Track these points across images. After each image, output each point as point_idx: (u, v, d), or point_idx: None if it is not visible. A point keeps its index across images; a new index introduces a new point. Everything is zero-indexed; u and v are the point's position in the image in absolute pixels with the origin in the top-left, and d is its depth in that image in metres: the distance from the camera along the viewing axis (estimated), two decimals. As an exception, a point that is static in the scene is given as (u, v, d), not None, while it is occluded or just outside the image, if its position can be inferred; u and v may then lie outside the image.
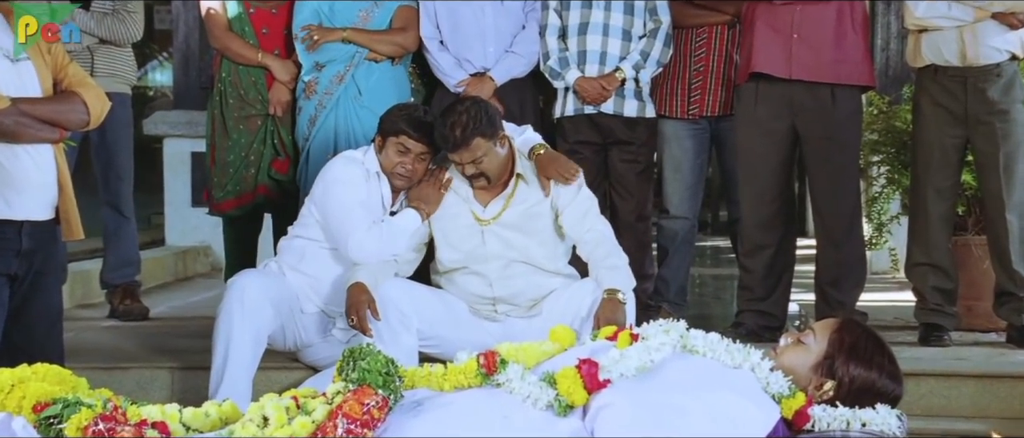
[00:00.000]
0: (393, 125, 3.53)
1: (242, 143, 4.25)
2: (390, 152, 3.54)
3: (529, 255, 3.52)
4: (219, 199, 4.27)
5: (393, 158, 3.53)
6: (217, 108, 4.28)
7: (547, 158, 3.54)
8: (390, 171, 3.55)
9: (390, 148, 3.54)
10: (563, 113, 4.34)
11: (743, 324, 4.18)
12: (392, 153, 3.54)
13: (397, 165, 3.53)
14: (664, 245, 4.52)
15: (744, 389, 2.57)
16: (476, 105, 3.43)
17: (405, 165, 3.53)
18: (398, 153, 3.53)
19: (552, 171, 3.51)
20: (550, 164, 3.53)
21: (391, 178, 3.56)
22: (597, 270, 3.43)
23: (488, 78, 4.24)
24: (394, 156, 3.53)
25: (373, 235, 3.45)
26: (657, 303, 4.49)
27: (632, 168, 4.34)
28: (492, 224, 3.51)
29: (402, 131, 3.52)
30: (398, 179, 3.55)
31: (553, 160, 3.55)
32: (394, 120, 3.54)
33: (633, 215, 4.35)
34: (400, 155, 3.53)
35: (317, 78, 4.13)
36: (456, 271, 3.54)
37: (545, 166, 3.53)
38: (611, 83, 4.26)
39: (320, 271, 3.59)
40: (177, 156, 6.52)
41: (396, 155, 3.53)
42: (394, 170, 3.54)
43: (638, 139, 4.34)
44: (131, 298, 4.78)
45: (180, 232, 6.55)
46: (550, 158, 3.55)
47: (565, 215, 3.50)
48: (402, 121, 3.53)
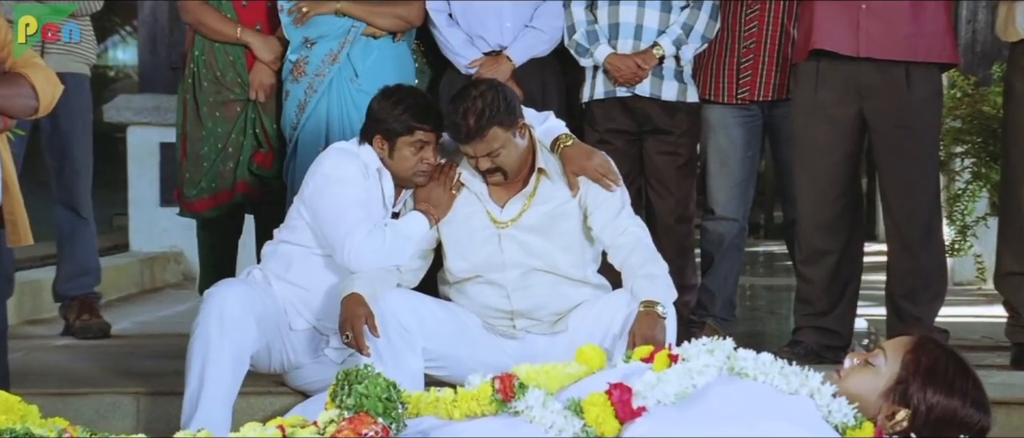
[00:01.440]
0: (401, 124, 3.54)
1: (218, 133, 4.27)
2: (404, 153, 3.56)
3: (552, 262, 3.54)
4: (192, 198, 4.30)
5: (410, 158, 3.56)
6: (189, 92, 4.31)
7: (576, 152, 3.56)
8: (409, 174, 3.58)
9: (403, 149, 3.56)
10: (592, 97, 4.36)
11: (801, 343, 4.18)
12: (407, 153, 3.56)
13: (417, 164, 3.56)
14: (709, 251, 4.53)
15: (802, 419, 2.58)
16: (492, 89, 3.45)
17: (428, 160, 3.57)
18: (415, 151, 3.56)
19: (589, 170, 3.53)
20: (583, 160, 3.54)
21: (412, 179, 3.59)
22: (632, 280, 3.44)
23: (505, 57, 4.26)
24: (411, 156, 3.56)
25: (373, 240, 3.47)
26: (701, 318, 4.50)
27: (672, 161, 4.35)
28: (510, 227, 3.54)
29: (415, 127, 3.54)
30: (421, 177, 3.58)
31: (586, 155, 3.56)
32: (398, 117, 3.54)
33: (673, 216, 4.37)
34: (418, 152, 3.56)
35: (306, 57, 4.16)
36: (468, 281, 3.56)
37: (574, 161, 3.54)
38: (648, 61, 4.27)
39: (311, 281, 3.62)
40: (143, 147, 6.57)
41: (413, 154, 3.56)
42: (415, 170, 3.57)
43: (678, 127, 4.35)
44: (89, 313, 4.81)
45: (146, 236, 6.60)
46: (580, 152, 3.57)
47: (595, 215, 3.53)
48: (409, 115, 3.54)
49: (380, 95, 3.63)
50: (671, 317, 3.37)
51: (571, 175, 3.53)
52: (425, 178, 3.58)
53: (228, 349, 3.38)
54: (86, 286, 4.84)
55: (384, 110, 3.57)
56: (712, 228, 4.53)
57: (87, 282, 4.84)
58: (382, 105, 3.59)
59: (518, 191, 3.54)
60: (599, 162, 3.54)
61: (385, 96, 3.61)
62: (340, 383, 2.64)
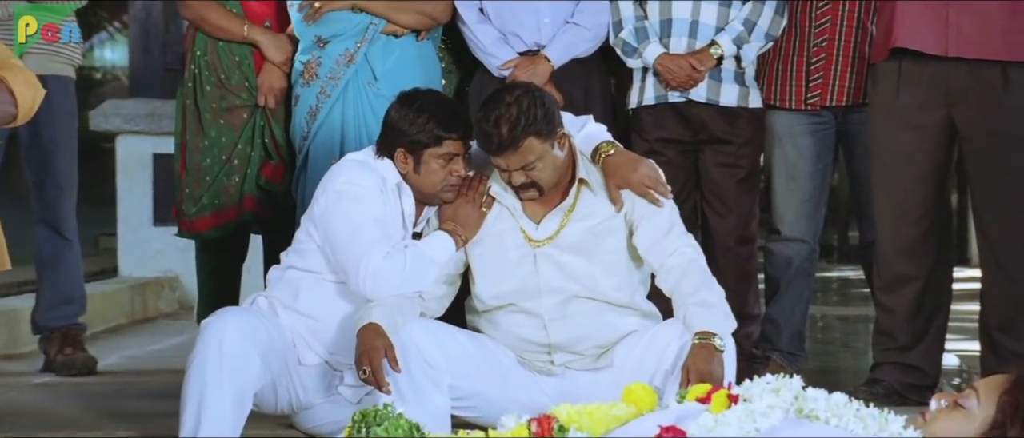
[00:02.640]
0: (427, 134, 3.54)
1: (223, 143, 4.32)
2: (432, 167, 3.57)
3: (595, 287, 3.54)
4: (192, 216, 4.35)
5: (438, 172, 3.57)
6: (189, 97, 4.36)
7: (620, 161, 3.56)
8: (437, 190, 3.59)
9: (430, 163, 3.57)
10: (640, 102, 4.39)
11: (881, 381, 4.18)
12: (435, 167, 3.57)
13: (446, 178, 3.58)
14: (774, 276, 4.55)
15: (880, 467, 2.58)
16: (528, 95, 3.46)
17: (459, 172, 3.58)
18: (444, 164, 3.57)
19: (633, 182, 3.52)
20: (627, 171, 3.53)
21: (440, 195, 3.60)
22: (684, 308, 3.43)
23: (542, 58, 4.29)
24: (439, 169, 3.57)
25: (392, 264, 3.48)
26: (765, 352, 4.52)
27: (731, 174, 4.38)
28: (546, 245, 3.55)
29: (443, 137, 3.55)
30: (450, 192, 3.60)
31: (630, 165, 3.55)
32: (423, 127, 3.55)
33: (733, 237, 4.39)
34: (447, 164, 3.57)
35: (319, 58, 4.20)
36: (500, 309, 3.58)
37: (617, 173, 3.54)
38: (704, 62, 4.30)
39: (322, 310, 3.63)
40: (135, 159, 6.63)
41: (441, 167, 3.57)
42: (444, 185, 3.58)
43: (739, 136, 4.38)
44: (73, 346, 4.85)
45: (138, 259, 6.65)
46: (625, 162, 3.56)
47: (641, 233, 3.53)
48: (435, 124, 3.55)
49: (399, 102, 3.63)
50: (730, 351, 3.36)
51: (614, 188, 3.54)
52: (454, 194, 3.60)
53: (228, 387, 3.39)
54: (69, 316, 4.88)
55: (406, 119, 3.57)
56: (778, 250, 4.54)
57: (71, 312, 4.88)
58: (403, 114, 3.59)
59: (556, 205, 3.56)
60: (646, 172, 3.54)
61: (405, 103, 3.61)
62: (356, 425, 2.66)
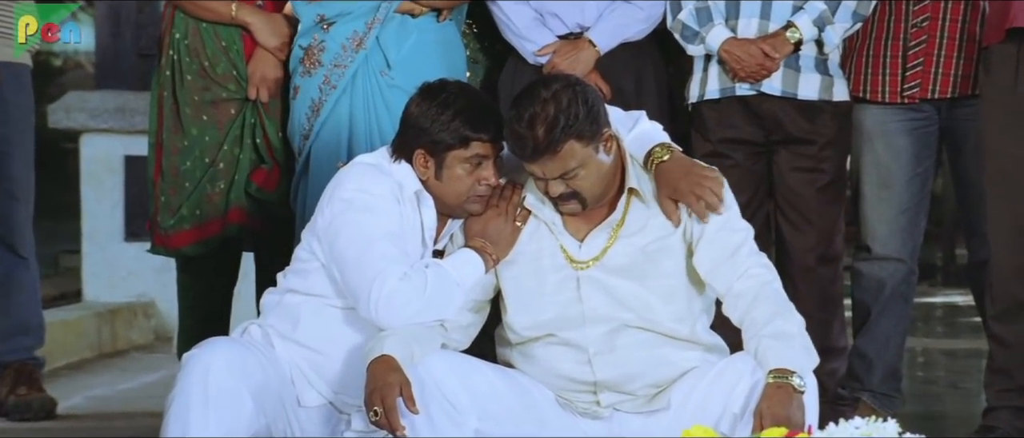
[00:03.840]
0: (452, 133, 3.54)
1: (206, 143, 4.34)
2: (457, 172, 3.57)
3: (649, 316, 3.54)
4: (169, 230, 4.37)
5: (464, 179, 3.57)
6: (167, 88, 4.38)
7: (673, 167, 3.55)
8: (462, 200, 3.60)
9: (455, 167, 3.57)
10: (702, 95, 4.39)
11: (996, 428, 4.17)
12: (461, 172, 3.57)
13: (473, 186, 3.58)
14: (864, 302, 4.55)
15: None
16: (568, 89, 3.45)
17: (488, 179, 3.58)
18: (470, 169, 3.57)
19: (684, 190, 3.51)
20: (681, 177, 3.52)
21: (466, 206, 3.61)
22: (756, 340, 3.41)
23: (586, 42, 4.30)
24: (465, 176, 3.57)
25: (409, 287, 3.48)
26: (853, 393, 4.51)
27: (812, 181, 4.38)
28: (592, 268, 3.55)
29: (471, 137, 3.55)
30: (476, 203, 3.60)
31: (682, 171, 3.54)
32: (447, 125, 3.55)
33: (813, 255, 4.39)
34: (471, 170, 3.57)
35: (322, 42, 4.21)
36: (537, 341, 3.58)
37: (671, 180, 3.53)
38: (779, 47, 4.29)
39: (327, 341, 3.64)
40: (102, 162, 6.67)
41: (468, 173, 3.57)
42: (470, 194, 3.59)
43: (821, 135, 4.38)
44: (28, 385, 4.86)
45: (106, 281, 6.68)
46: (678, 168, 3.55)
47: (703, 252, 3.52)
48: (462, 121, 3.54)
49: (421, 95, 3.62)
50: (811, 390, 3.34)
51: (665, 199, 3.53)
52: (482, 205, 3.61)
53: (215, 433, 3.40)
54: (24, 349, 4.90)
55: (428, 115, 3.57)
56: (868, 271, 4.54)
57: (26, 344, 4.91)
58: (425, 109, 3.58)
59: (602, 219, 3.55)
60: (697, 178, 3.51)
61: (428, 96, 3.61)
62: (366, 476, 2.67)
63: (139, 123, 5.23)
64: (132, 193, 6.50)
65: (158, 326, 6.62)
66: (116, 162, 6.63)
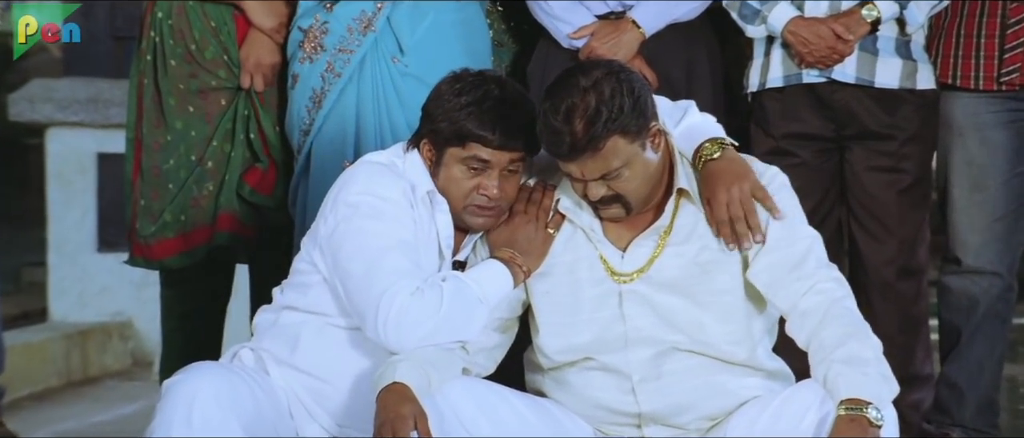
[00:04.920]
0: (452, 125, 3.55)
1: (192, 138, 4.38)
2: (453, 171, 3.59)
3: (702, 338, 3.55)
4: (150, 238, 4.41)
5: (462, 181, 3.58)
6: (147, 75, 4.42)
7: (722, 169, 3.55)
8: (460, 204, 3.61)
9: (451, 165, 3.59)
10: (763, 84, 4.42)
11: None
12: (456, 172, 3.58)
13: (471, 193, 3.58)
14: (953, 323, 4.55)
15: None
16: (610, 77, 3.45)
17: (487, 190, 3.58)
18: (468, 172, 3.58)
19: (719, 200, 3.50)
20: (725, 185, 3.51)
21: (462, 215, 3.62)
22: (826, 366, 3.40)
23: (629, 23, 4.34)
24: (462, 178, 3.58)
25: (424, 304, 3.48)
26: (941, 428, 4.51)
27: (892, 182, 4.41)
28: (636, 281, 3.57)
29: (469, 136, 3.55)
30: (476, 215, 3.61)
31: (735, 177, 3.52)
32: (449, 113, 3.56)
33: (893, 268, 4.41)
34: (471, 175, 3.58)
35: (325, 23, 4.25)
36: (572, 366, 3.59)
37: (714, 185, 3.53)
38: (854, 28, 4.31)
39: (330, 367, 3.66)
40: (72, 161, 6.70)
41: (465, 175, 3.58)
42: (466, 202, 3.60)
43: (903, 130, 4.40)
44: (-11, 417, 4.88)
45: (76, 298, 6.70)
46: (730, 172, 3.55)
47: (763, 263, 3.53)
48: (466, 115, 3.55)
49: (449, 77, 3.63)
50: (890, 425, 3.35)
51: (707, 204, 3.54)
52: (483, 218, 3.62)
53: (201, 471, 3.42)
54: (-16, 376, 4.92)
55: (441, 99, 3.59)
56: (958, 287, 4.54)
57: (-15, 370, 4.92)
58: (443, 91, 3.60)
59: (648, 225, 3.57)
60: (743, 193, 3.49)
61: (455, 79, 3.61)
62: (375, 520, 2.69)
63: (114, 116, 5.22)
64: (106, 196, 6.49)
65: (136, 349, 6.62)
66: (88, 160, 6.63)
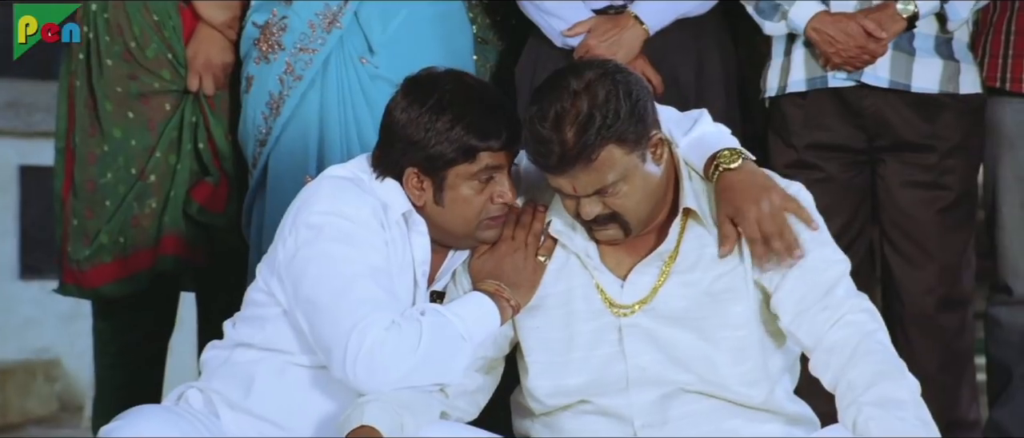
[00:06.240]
0: (453, 145, 3.60)
1: (132, 148, 4.50)
2: (463, 193, 3.64)
3: (714, 378, 3.62)
4: (84, 263, 4.50)
5: (474, 199, 3.65)
6: (80, 76, 4.53)
7: (743, 181, 3.60)
8: (472, 227, 3.68)
9: (459, 187, 3.64)
10: (784, 88, 4.52)
11: None
12: (466, 192, 3.64)
13: (485, 207, 3.66)
14: (1003, 361, 4.60)
15: None
16: (606, 78, 3.51)
17: (503, 197, 3.66)
18: (481, 186, 3.65)
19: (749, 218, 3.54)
20: (747, 198, 3.56)
21: (476, 233, 3.69)
22: (857, 409, 3.44)
23: (631, 18, 4.44)
24: (473, 195, 3.65)
25: (401, 340, 3.52)
26: (988, 479, 4.55)
27: (931, 200, 4.49)
28: (638, 313, 3.65)
29: (477, 148, 3.61)
30: (490, 228, 3.69)
31: (756, 188, 3.57)
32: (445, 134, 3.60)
33: (933, 298, 4.49)
34: (482, 188, 3.65)
35: (284, 18, 4.36)
36: (566, 409, 3.66)
37: (733, 198, 3.58)
38: (887, 24, 4.40)
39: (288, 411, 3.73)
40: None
41: (476, 190, 3.65)
42: (482, 218, 3.67)
43: (943, 141, 4.49)
44: None
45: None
46: (750, 182, 3.60)
47: (785, 292, 3.58)
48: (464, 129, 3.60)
49: (406, 95, 3.68)
50: (929, 476, 3.39)
51: (726, 222, 3.58)
52: (498, 229, 3.69)
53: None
54: None
55: (419, 123, 3.63)
56: (1009, 320, 4.59)
57: None
58: (414, 114, 3.64)
59: (650, 250, 3.64)
60: (775, 206, 3.55)
61: (416, 96, 3.66)
62: None
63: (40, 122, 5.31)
64: (31, 215, 6.56)
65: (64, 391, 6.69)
66: (8, 174, 6.72)
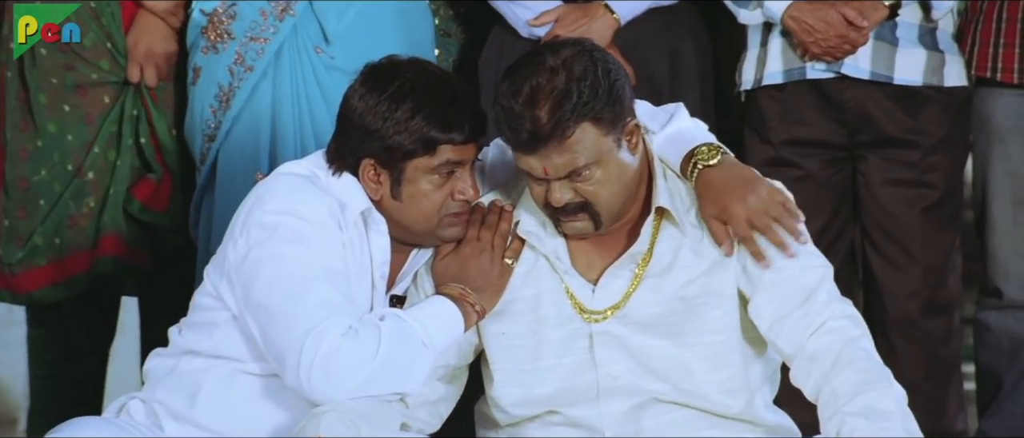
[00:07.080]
0: (414, 135, 3.57)
1: (68, 144, 4.40)
2: (420, 186, 3.61)
3: (690, 387, 3.57)
4: (16, 266, 4.42)
5: (433, 194, 3.62)
6: (11, 68, 4.43)
7: (724, 177, 3.57)
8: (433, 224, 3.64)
9: (418, 180, 3.61)
10: (760, 80, 4.46)
11: None
12: (425, 186, 3.61)
13: (445, 203, 3.62)
14: (993, 368, 4.57)
15: None
16: (583, 55, 3.48)
17: (464, 193, 3.62)
18: (439, 181, 3.61)
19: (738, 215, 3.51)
20: (731, 197, 3.53)
21: (437, 231, 3.65)
22: (840, 419, 3.41)
23: (601, 8, 4.37)
24: (433, 190, 3.62)
25: (359, 346, 3.48)
26: (978, 496, 4.51)
27: (915, 199, 4.44)
28: (610, 319, 3.59)
29: (438, 141, 3.57)
30: (451, 226, 3.64)
31: (740, 185, 3.55)
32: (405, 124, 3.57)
33: (918, 302, 4.44)
34: (442, 182, 3.62)
35: (233, 6, 4.28)
36: (534, 420, 3.62)
37: (717, 196, 3.55)
38: (868, 12, 4.34)
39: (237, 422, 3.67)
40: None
41: (436, 185, 3.62)
42: (443, 214, 3.63)
43: (928, 136, 4.43)
44: None
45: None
46: (732, 179, 3.57)
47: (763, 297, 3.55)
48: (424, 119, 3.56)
49: (365, 83, 3.65)
50: (915, 491, 3.36)
51: (713, 221, 3.55)
52: (460, 227, 3.65)
53: None
54: None
55: (377, 112, 3.60)
56: (999, 325, 4.55)
57: None
58: (372, 102, 3.61)
59: (622, 251, 3.59)
60: (764, 201, 3.53)
61: (375, 83, 3.63)
62: None
63: None
64: None
65: None
66: None
